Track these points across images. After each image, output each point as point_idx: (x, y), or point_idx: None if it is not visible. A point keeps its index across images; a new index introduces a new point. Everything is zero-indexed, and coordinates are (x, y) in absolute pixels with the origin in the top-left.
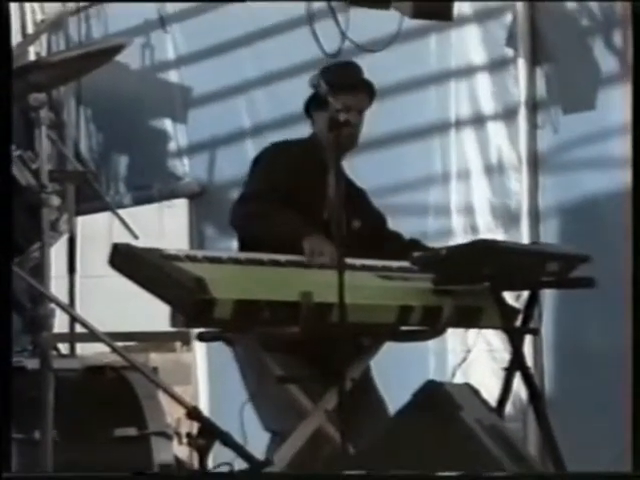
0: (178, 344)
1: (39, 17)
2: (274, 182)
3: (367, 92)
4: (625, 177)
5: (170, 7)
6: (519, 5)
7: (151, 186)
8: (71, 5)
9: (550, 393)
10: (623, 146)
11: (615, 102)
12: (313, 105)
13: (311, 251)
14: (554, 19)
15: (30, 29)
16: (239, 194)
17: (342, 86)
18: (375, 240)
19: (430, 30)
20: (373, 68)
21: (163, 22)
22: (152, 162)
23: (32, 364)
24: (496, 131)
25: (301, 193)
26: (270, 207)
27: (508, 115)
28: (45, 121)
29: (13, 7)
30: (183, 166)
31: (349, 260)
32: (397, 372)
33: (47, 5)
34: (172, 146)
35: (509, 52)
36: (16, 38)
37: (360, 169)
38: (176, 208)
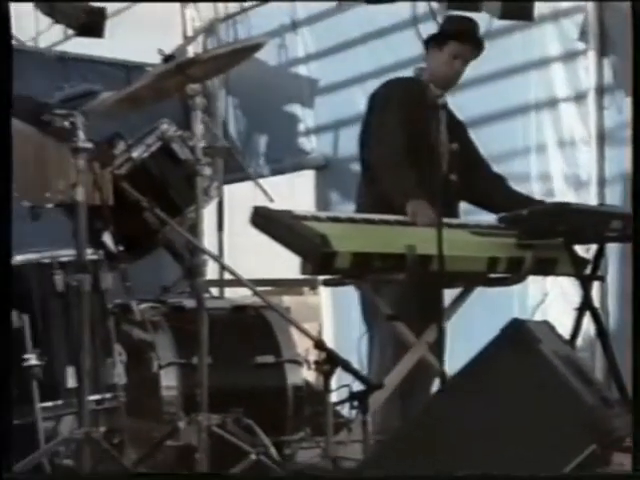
0: (306, 288)
1: (197, 23)
2: (397, 126)
3: (476, 46)
4: None
5: (301, 13)
6: (589, 5)
7: (284, 160)
8: (221, 13)
9: (613, 329)
10: None
11: None
12: (432, 42)
13: (413, 214)
14: (620, 17)
15: (189, 32)
16: (363, 135)
17: (458, 35)
18: (468, 161)
19: (515, 28)
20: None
21: (295, 26)
22: (285, 140)
23: (190, 304)
24: (569, 112)
25: (410, 122)
26: (398, 165)
27: (580, 98)
28: (199, 106)
29: (176, 13)
30: (310, 143)
31: (446, 220)
32: (486, 312)
33: (203, 13)
34: (301, 127)
35: (581, 46)
36: (179, 40)
37: None
38: (305, 178)
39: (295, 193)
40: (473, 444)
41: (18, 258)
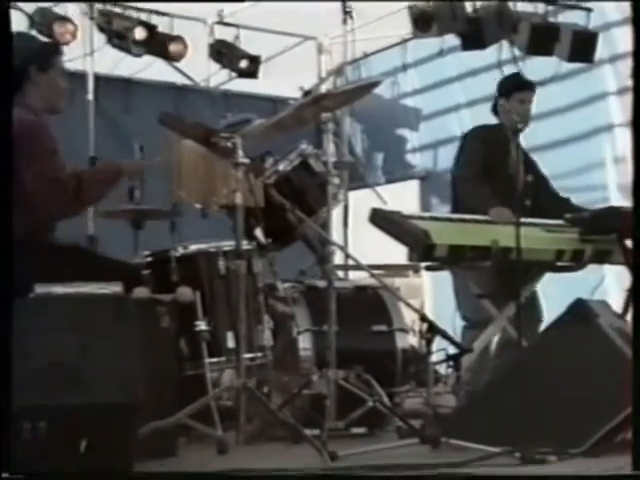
0: (411, 272)
1: (329, 66)
2: (475, 155)
3: (533, 89)
4: None
5: (409, 57)
6: None
7: (395, 172)
8: (349, 58)
9: None
10: None
11: None
12: (499, 102)
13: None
14: None
15: (323, 73)
16: (455, 162)
17: (519, 87)
18: (541, 190)
19: (580, 69)
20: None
21: (405, 67)
22: (396, 156)
23: (321, 284)
24: (623, 135)
25: (493, 157)
26: (472, 179)
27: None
28: (330, 130)
29: (313, 58)
30: (416, 159)
31: (523, 219)
32: (554, 294)
33: (334, 58)
34: (409, 146)
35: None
36: (315, 79)
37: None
38: (411, 186)
39: (404, 198)
40: (540, 399)
41: (192, 247)
